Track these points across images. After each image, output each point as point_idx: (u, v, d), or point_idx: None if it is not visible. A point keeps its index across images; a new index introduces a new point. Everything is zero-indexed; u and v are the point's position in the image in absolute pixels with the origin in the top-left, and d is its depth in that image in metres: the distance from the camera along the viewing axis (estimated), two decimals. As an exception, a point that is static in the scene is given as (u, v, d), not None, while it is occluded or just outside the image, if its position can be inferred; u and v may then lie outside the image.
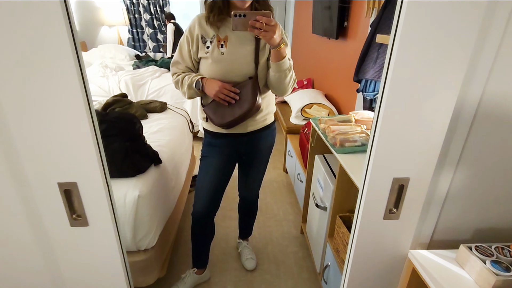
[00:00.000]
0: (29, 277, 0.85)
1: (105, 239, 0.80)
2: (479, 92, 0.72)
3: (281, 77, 1.20)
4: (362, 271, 0.91)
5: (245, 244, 1.88)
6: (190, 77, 1.26)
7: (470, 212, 0.86)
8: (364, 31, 2.04)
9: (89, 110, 0.67)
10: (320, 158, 1.64)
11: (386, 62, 0.68)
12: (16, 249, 0.81)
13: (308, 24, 3.27)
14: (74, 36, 0.61)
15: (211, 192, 1.41)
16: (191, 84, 1.24)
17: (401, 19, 0.62)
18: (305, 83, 3.40)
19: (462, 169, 0.80)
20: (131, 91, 3.22)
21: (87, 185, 0.73)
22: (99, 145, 0.71)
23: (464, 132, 0.76)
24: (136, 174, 1.41)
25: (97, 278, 0.86)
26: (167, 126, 2.04)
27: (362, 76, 1.77)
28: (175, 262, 1.82)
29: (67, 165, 0.70)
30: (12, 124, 0.65)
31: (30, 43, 0.59)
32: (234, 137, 1.37)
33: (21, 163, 0.69)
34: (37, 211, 0.75)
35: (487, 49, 0.68)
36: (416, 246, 0.89)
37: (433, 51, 0.64)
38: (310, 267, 1.82)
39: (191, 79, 1.25)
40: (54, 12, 0.58)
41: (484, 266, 0.75)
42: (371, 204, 0.80)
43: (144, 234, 1.39)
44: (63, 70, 0.62)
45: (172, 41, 4.32)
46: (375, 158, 0.74)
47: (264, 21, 1.01)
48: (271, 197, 2.50)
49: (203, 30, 1.22)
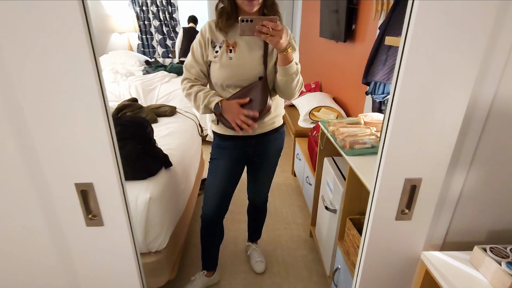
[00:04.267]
0: (45, 275, 0.87)
1: (120, 239, 0.81)
2: (491, 92, 0.72)
3: (288, 81, 1.21)
4: (374, 273, 0.90)
5: (254, 247, 1.88)
6: (206, 95, 1.25)
7: (484, 213, 0.85)
8: (372, 33, 2.04)
9: (106, 114, 0.69)
10: (329, 161, 1.64)
11: (397, 63, 0.68)
12: (33, 248, 0.83)
13: (316, 27, 3.28)
14: (92, 43, 0.63)
15: (220, 194, 1.42)
16: (207, 105, 1.25)
17: (412, 20, 0.63)
18: (313, 87, 3.40)
19: (475, 169, 0.79)
20: (141, 96, 3.27)
21: (103, 185, 0.75)
22: (114, 148, 0.73)
23: (477, 132, 0.75)
24: (147, 177, 1.43)
25: (111, 277, 0.88)
26: (176, 130, 2.07)
27: (371, 78, 1.77)
28: (185, 264, 1.83)
29: (84, 166, 0.72)
30: (32, 127, 0.68)
31: (50, 50, 0.62)
32: (242, 140, 1.38)
33: (40, 164, 0.72)
34: (54, 211, 0.78)
35: (499, 49, 0.68)
36: (429, 248, 0.88)
37: (445, 51, 0.65)
38: (319, 270, 1.81)
39: (208, 99, 1.24)
40: (73, 21, 0.60)
41: (499, 268, 0.74)
42: (383, 205, 0.80)
43: (155, 235, 1.41)
44: (81, 75, 0.64)
45: (180, 46, 4.38)
46: (386, 158, 0.74)
47: (270, 26, 1.03)
48: (280, 200, 2.49)
49: (213, 35, 1.25)
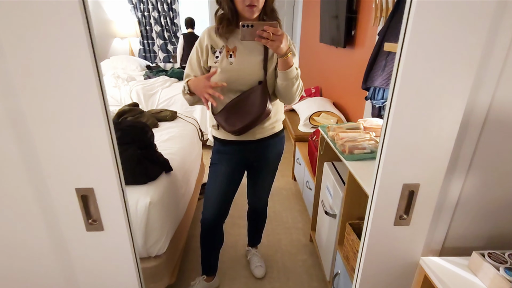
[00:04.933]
0: (45, 279, 0.88)
1: (120, 243, 0.82)
2: (488, 98, 0.72)
3: (288, 85, 1.22)
4: (373, 278, 0.90)
5: (254, 251, 1.87)
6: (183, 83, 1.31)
7: (483, 218, 0.85)
8: (372, 39, 2.06)
9: (106, 119, 0.70)
10: (329, 166, 1.65)
11: (395, 69, 0.69)
12: (33, 251, 0.84)
13: (316, 33, 3.30)
14: (94, 48, 0.64)
15: (220, 199, 1.42)
16: (183, 90, 1.29)
17: (409, 26, 0.64)
18: (313, 91, 3.42)
19: (473, 175, 0.80)
20: (142, 101, 3.29)
21: (103, 191, 0.75)
22: (115, 153, 0.74)
23: (474, 138, 0.76)
24: (147, 181, 1.44)
25: (111, 282, 0.88)
26: (177, 135, 2.08)
27: (370, 84, 1.78)
28: (184, 269, 1.83)
29: (85, 171, 0.73)
30: (34, 132, 0.69)
31: (52, 55, 0.63)
32: (242, 144, 1.38)
33: (41, 169, 0.72)
34: (54, 215, 0.78)
35: (495, 55, 0.68)
36: (428, 253, 0.88)
37: (441, 58, 0.65)
38: (319, 275, 1.81)
39: (183, 86, 1.29)
40: (74, 26, 0.61)
41: (497, 273, 0.74)
42: (381, 210, 0.80)
43: (155, 240, 1.41)
44: (83, 81, 0.65)
45: (181, 52, 4.42)
46: (384, 164, 0.74)
47: (271, 31, 1.04)
48: (280, 204, 2.49)
49: (213, 41, 1.26)
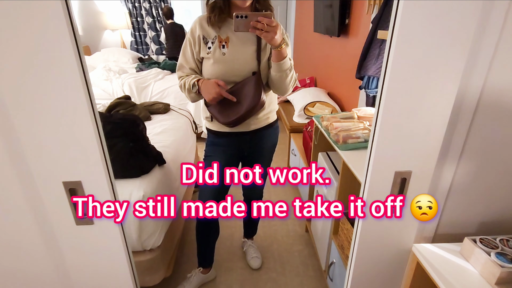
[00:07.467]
0: (36, 274, 0.87)
1: (110, 237, 0.81)
2: (480, 83, 0.72)
3: (282, 76, 1.21)
4: (366, 266, 0.91)
5: (250, 243, 1.88)
6: (188, 80, 1.26)
7: (474, 205, 0.86)
8: (366, 28, 2.03)
9: (92, 111, 0.68)
10: (324, 156, 1.64)
11: (385, 55, 0.68)
12: (23, 247, 0.82)
13: (310, 22, 3.26)
14: (76, 40, 0.62)
15: (215, 191, 1.42)
16: (190, 88, 1.25)
17: (399, 11, 0.63)
18: (307, 82, 3.39)
19: (465, 161, 0.80)
20: (134, 94, 3.25)
21: (92, 184, 0.74)
22: (102, 145, 0.72)
23: (466, 124, 0.75)
24: (140, 175, 1.43)
25: (103, 275, 0.87)
26: (170, 127, 2.06)
27: (364, 73, 1.76)
28: (181, 262, 1.83)
29: (72, 164, 0.71)
30: (18, 126, 0.67)
31: (34, 47, 0.61)
32: (237, 136, 1.37)
33: (27, 163, 0.71)
34: (43, 210, 0.77)
35: (487, 41, 0.68)
36: (420, 240, 0.88)
37: (432, 43, 0.64)
38: (315, 264, 1.82)
39: (189, 82, 1.25)
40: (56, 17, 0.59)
41: (489, 258, 0.74)
42: (374, 198, 0.80)
43: (150, 233, 1.41)
44: (67, 73, 0.63)
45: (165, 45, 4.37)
46: (376, 152, 0.74)
47: (265, 22, 1.02)
48: (275, 195, 2.50)
49: (205, 31, 1.23)
